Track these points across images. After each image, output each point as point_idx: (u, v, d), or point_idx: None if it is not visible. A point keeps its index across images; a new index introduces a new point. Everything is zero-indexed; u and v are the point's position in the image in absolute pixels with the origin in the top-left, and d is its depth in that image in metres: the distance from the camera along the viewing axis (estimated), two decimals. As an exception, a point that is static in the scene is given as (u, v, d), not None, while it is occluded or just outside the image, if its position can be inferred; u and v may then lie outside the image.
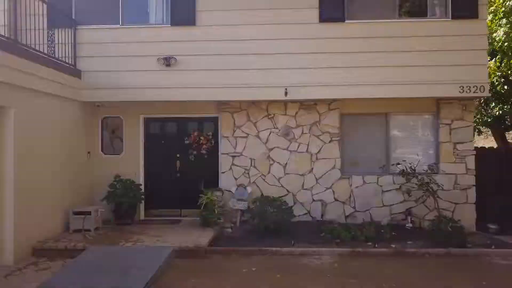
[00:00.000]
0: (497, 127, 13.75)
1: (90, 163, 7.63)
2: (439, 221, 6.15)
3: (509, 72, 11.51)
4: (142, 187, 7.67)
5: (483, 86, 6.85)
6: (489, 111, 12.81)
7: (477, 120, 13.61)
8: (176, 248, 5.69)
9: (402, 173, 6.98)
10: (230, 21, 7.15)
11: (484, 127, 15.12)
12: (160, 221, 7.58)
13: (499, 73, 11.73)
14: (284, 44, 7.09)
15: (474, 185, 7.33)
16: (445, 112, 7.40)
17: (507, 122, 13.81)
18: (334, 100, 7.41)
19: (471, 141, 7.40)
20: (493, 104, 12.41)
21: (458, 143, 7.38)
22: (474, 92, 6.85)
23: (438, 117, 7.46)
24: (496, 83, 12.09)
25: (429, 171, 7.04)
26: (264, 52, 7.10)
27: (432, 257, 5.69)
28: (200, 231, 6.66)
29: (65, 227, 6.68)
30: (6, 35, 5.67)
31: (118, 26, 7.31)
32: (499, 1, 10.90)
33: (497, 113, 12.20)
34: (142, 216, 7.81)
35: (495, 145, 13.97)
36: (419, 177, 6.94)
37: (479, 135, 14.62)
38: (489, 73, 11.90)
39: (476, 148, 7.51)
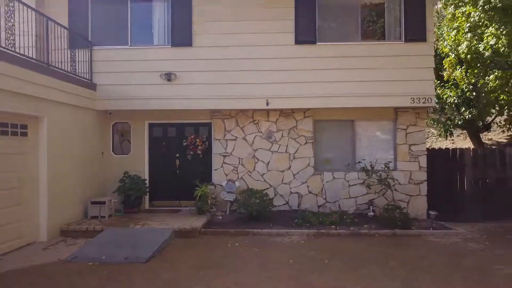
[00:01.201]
0: (472, 129, 15.23)
1: (103, 162, 9.04)
2: (388, 209, 7.57)
3: (473, 80, 12.94)
4: (147, 181, 9.06)
5: (430, 98, 8.26)
6: (461, 114, 14.23)
7: (450, 122, 15.10)
8: (176, 229, 7.10)
9: (363, 170, 8.40)
10: (220, 42, 8.55)
11: (459, 129, 16.67)
12: (162, 210, 8.98)
13: (467, 81, 13.17)
14: (266, 62, 8.49)
15: (425, 180, 8.75)
16: (402, 119, 8.81)
17: (479, 124, 15.29)
18: (308, 109, 8.81)
19: (424, 143, 8.80)
20: (463, 108, 13.85)
21: (412, 144, 8.80)
22: (423, 103, 8.27)
23: (396, 123, 8.87)
24: (466, 89, 13.54)
25: (385, 168, 8.45)
26: (249, 69, 8.49)
27: (381, 236, 7.11)
28: (196, 218, 8.06)
29: (84, 214, 8.09)
30: (39, 58, 7.08)
31: (127, 46, 8.71)
32: (461, 19, 12.28)
33: (467, 116, 13.65)
34: (146, 206, 9.21)
35: (471, 145, 15.44)
36: (378, 173, 8.37)
37: (451, 136, 16.06)
38: (458, 81, 13.34)
39: (427, 149, 8.90)
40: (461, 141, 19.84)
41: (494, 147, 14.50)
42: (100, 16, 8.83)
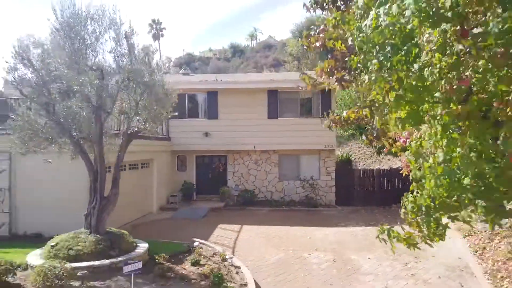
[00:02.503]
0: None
1: (173, 175, 17.99)
2: (308, 198, 16.27)
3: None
4: (195, 185, 17.95)
5: (333, 145, 16.84)
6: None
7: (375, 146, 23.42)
8: (211, 207, 15.97)
9: (300, 179, 17.10)
10: (232, 117, 17.32)
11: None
12: (202, 200, 17.84)
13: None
14: (253, 127, 17.20)
15: (334, 185, 17.30)
16: (322, 154, 17.40)
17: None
18: (276, 149, 17.50)
19: (334, 166, 17.37)
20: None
21: (328, 167, 17.38)
22: (329, 148, 16.86)
23: (320, 156, 17.47)
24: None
25: (311, 179, 17.06)
26: (245, 130, 17.24)
27: (303, 211, 15.78)
28: (220, 203, 16.88)
29: (167, 201, 17.05)
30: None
31: (185, 119, 17.60)
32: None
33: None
34: (194, 198, 18.09)
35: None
36: (309, 181, 17.02)
37: (379, 155, 24.30)
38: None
39: (336, 168, 17.47)
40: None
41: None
42: (171, 103, 17.74)
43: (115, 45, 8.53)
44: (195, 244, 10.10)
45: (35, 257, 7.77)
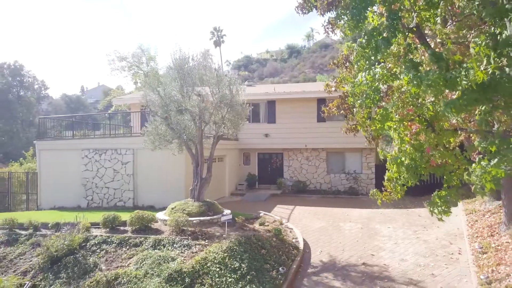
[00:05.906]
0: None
1: (239, 168, 22.33)
2: (349, 188, 19.64)
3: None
4: (257, 176, 22.12)
5: (369, 142, 19.99)
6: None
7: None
8: (271, 193, 20.01)
9: (345, 173, 20.49)
10: (287, 121, 21.20)
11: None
12: (263, 188, 21.95)
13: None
14: (305, 129, 20.91)
15: (374, 178, 20.42)
16: (364, 152, 20.60)
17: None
18: (324, 147, 21.06)
19: (373, 162, 20.48)
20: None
21: (369, 162, 20.55)
22: (370, 146, 20.03)
23: (362, 153, 20.69)
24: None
25: (354, 173, 20.37)
26: (298, 132, 20.99)
27: (346, 198, 19.19)
28: (277, 191, 20.86)
29: (236, 188, 21.40)
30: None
31: (249, 123, 21.77)
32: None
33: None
34: (257, 187, 22.26)
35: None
36: (353, 175, 20.35)
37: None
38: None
39: (376, 164, 20.57)
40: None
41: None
42: (238, 110, 22.13)
43: (208, 77, 12.83)
44: (261, 214, 14.17)
45: (161, 215, 12.30)
